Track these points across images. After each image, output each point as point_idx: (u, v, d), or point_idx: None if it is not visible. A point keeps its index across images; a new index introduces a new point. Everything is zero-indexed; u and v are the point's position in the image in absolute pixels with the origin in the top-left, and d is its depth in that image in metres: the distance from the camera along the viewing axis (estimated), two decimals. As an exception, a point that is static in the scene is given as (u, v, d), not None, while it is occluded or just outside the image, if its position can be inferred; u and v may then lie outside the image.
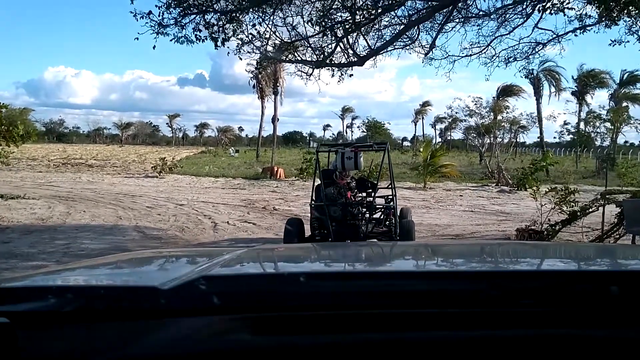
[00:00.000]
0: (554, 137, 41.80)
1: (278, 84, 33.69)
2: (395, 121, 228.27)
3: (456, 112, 30.97)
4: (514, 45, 9.30)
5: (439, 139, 76.21)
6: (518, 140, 32.90)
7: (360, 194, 8.40)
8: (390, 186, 8.49)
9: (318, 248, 2.47)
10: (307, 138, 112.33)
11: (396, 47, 8.37)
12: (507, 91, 34.91)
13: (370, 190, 8.43)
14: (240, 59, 8.19)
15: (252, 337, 0.86)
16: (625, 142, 47.86)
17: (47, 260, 7.29)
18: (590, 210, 9.24)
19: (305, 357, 0.84)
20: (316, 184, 8.40)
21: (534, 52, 9.41)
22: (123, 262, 1.60)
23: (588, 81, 35.46)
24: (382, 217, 8.29)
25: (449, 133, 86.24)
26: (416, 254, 1.77)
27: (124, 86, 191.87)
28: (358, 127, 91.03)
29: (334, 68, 8.49)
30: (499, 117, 28.57)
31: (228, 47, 8.02)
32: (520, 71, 10.09)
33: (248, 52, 8.02)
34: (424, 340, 0.86)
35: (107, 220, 11.22)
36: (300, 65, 8.51)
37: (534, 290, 0.94)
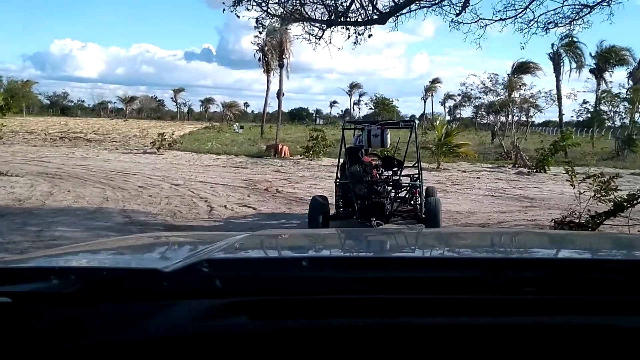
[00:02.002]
0: (571, 116, 40.18)
1: (284, 56, 32.23)
2: (404, 98, 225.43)
3: (471, 89, 29.57)
4: (556, 9, 8.00)
5: (447, 117, 74.83)
6: (530, 119, 31.37)
7: (386, 172, 8.28)
8: (415, 164, 8.35)
9: (321, 234, 2.48)
10: (314, 115, 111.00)
11: (422, 5, 7.11)
12: (523, 68, 33.43)
13: (397, 169, 8.26)
14: (238, 16, 6.96)
15: (252, 320, 0.87)
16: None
17: (9, 252, 6.18)
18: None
19: (304, 341, 0.84)
20: (341, 161, 8.28)
21: (578, 16, 8.10)
22: (125, 245, 1.62)
23: (609, 57, 33.87)
24: (407, 195, 8.15)
25: (458, 111, 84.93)
26: (420, 241, 1.77)
27: (130, 60, 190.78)
28: (365, 104, 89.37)
29: (349, 28, 7.25)
30: (516, 95, 27.13)
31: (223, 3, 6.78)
32: (561, 39, 8.78)
33: (248, 8, 6.79)
34: (424, 326, 0.86)
35: (91, 202, 10.10)
36: (309, 26, 7.28)
37: (537, 278, 0.94)
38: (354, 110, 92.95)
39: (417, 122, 8.77)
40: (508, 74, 31.64)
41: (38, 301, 0.87)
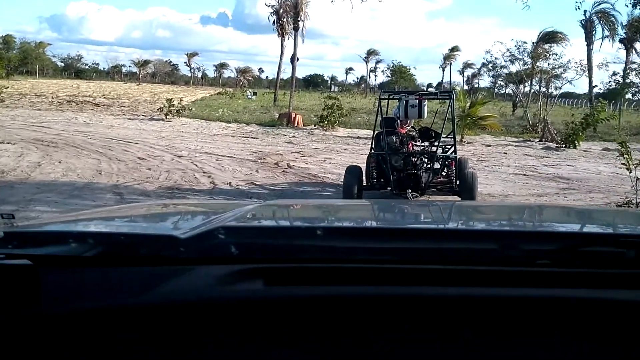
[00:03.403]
0: (599, 89, 38.16)
1: (299, 19, 30.74)
2: (421, 67, 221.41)
3: (496, 58, 28.03)
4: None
5: (465, 86, 72.97)
6: (558, 90, 29.74)
7: (422, 144, 8.13)
8: (450, 135, 8.25)
9: (336, 204, 2.55)
10: (329, 82, 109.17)
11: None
12: (549, 38, 31.67)
13: (434, 140, 8.02)
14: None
15: (267, 286, 0.88)
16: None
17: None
18: None
19: (318, 308, 0.85)
20: (377, 132, 8.17)
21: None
22: (140, 212, 1.64)
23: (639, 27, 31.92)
24: (434, 166, 7.79)
25: (476, 80, 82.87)
26: (436, 213, 1.77)
27: (146, 23, 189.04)
28: (382, 71, 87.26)
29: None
30: (546, 64, 25.57)
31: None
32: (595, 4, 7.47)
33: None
34: (437, 296, 0.86)
35: (82, 176, 9.11)
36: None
37: (551, 251, 0.94)
38: (370, 78, 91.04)
39: (453, 94, 8.21)
40: (534, 43, 30.03)
41: (57, 264, 0.89)
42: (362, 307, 0.85)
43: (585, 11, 29.22)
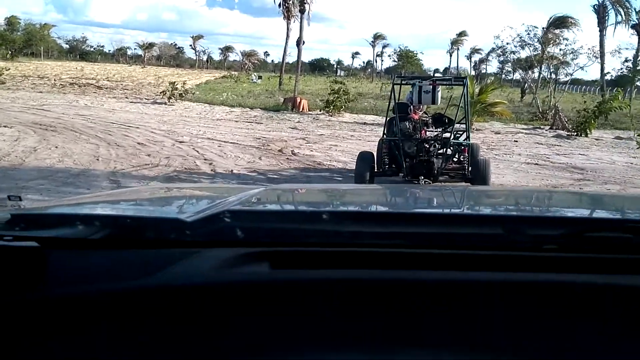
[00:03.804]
0: (611, 76, 37.26)
1: (305, 1, 30.10)
2: (428, 51, 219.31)
3: (507, 43, 27.42)
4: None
5: (472, 72, 72.21)
6: (569, 77, 29.02)
7: (435, 130, 8.00)
8: (463, 121, 8.16)
9: (342, 189, 2.59)
10: (335, 66, 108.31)
11: None
12: (560, 23, 30.96)
13: (447, 126, 7.90)
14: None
15: (273, 270, 0.88)
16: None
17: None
18: None
19: (323, 292, 0.85)
20: (389, 118, 8.13)
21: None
22: (145, 196, 1.64)
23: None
24: (448, 152, 7.66)
25: (483, 66, 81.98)
26: (443, 198, 1.75)
27: (151, 5, 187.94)
28: (389, 56, 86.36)
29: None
30: (557, 50, 24.97)
31: None
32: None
33: None
34: (443, 281, 0.86)
35: (78, 162, 8.78)
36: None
37: (558, 236, 0.93)
38: (376, 62, 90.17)
39: (467, 80, 8.14)
40: (544, 28, 29.36)
41: (64, 246, 0.89)
42: (366, 291, 0.85)
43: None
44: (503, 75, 62.83)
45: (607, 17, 28.44)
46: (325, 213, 1.05)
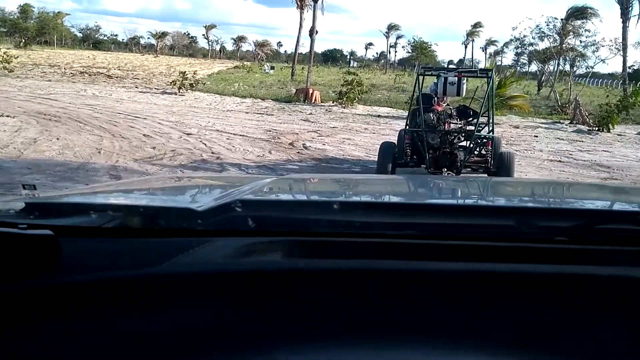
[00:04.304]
0: (634, 68, 36.12)
1: (319, -11, 29.51)
2: (443, 43, 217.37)
3: (524, 36, 26.72)
4: None
5: (488, 64, 71.16)
6: (590, 69, 28.30)
7: (458, 122, 7.92)
8: (487, 114, 8.07)
9: (354, 179, 2.52)
10: (348, 57, 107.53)
11: None
12: (578, 14, 30.12)
13: (471, 118, 7.86)
14: None
15: (286, 259, 0.90)
16: None
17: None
18: None
19: (331, 281, 0.85)
20: (412, 109, 8.17)
21: None
22: (157, 185, 1.67)
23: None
24: (472, 145, 7.54)
25: (499, 57, 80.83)
26: (455, 188, 1.74)
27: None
28: (403, 47, 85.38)
29: None
30: (577, 42, 24.24)
31: None
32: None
33: None
34: (454, 271, 0.85)
35: (79, 155, 8.37)
36: None
37: (569, 227, 0.93)
38: (390, 53, 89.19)
39: (493, 73, 8.20)
40: (562, 20, 28.58)
41: (78, 234, 0.90)
42: (377, 281, 0.84)
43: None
44: (518, 68, 61.84)
45: (630, 8, 27.51)
46: (336, 203, 1.03)
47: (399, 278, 0.84)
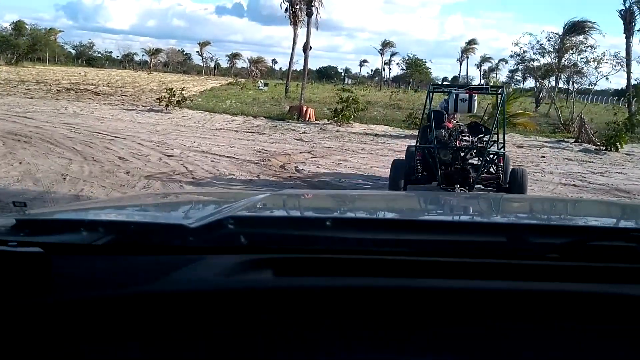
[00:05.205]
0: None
1: (313, 4, 28.81)
2: (437, 60, 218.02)
3: (525, 51, 26.01)
4: None
5: (482, 81, 70.74)
6: (593, 86, 27.50)
7: (470, 139, 7.74)
8: (498, 131, 8.11)
9: (348, 195, 2.60)
10: (342, 74, 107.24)
11: None
12: (576, 29, 29.48)
13: (482, 135, 7.71)
14: None
15: (277, 277, 0.87)
16: None
17: None
18: None
19: (327, 299, 0.84)
20: (423, 125, 8.26)
21: None
22: (150, 201, 1.66)
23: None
24: (483, 162, 7.45)
25: (493, 74, 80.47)
26: (447, 205, 1.74)
27: (161, 12, 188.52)
28: (397, 64, 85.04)
29: None
30: (578, 58, 23.54)
31: None
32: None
33: None
34: (446, 289, 0.85)
35: (40, 182, 7.35)
36: None
37: (561, 245, 0.93)
38: (384, 70, 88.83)
39: (504, 90, 8.22)
40: (559, 35, 27.91)
41: (68, 252, 0.89)
42: (371, 299, 0.83)
43: (625, 0, 26.89)
44: (512, 85, 61.47)
45: (634, 23, 26.81)
46: (330, 220, 1.02)
47: (393, 295, 0.83)
